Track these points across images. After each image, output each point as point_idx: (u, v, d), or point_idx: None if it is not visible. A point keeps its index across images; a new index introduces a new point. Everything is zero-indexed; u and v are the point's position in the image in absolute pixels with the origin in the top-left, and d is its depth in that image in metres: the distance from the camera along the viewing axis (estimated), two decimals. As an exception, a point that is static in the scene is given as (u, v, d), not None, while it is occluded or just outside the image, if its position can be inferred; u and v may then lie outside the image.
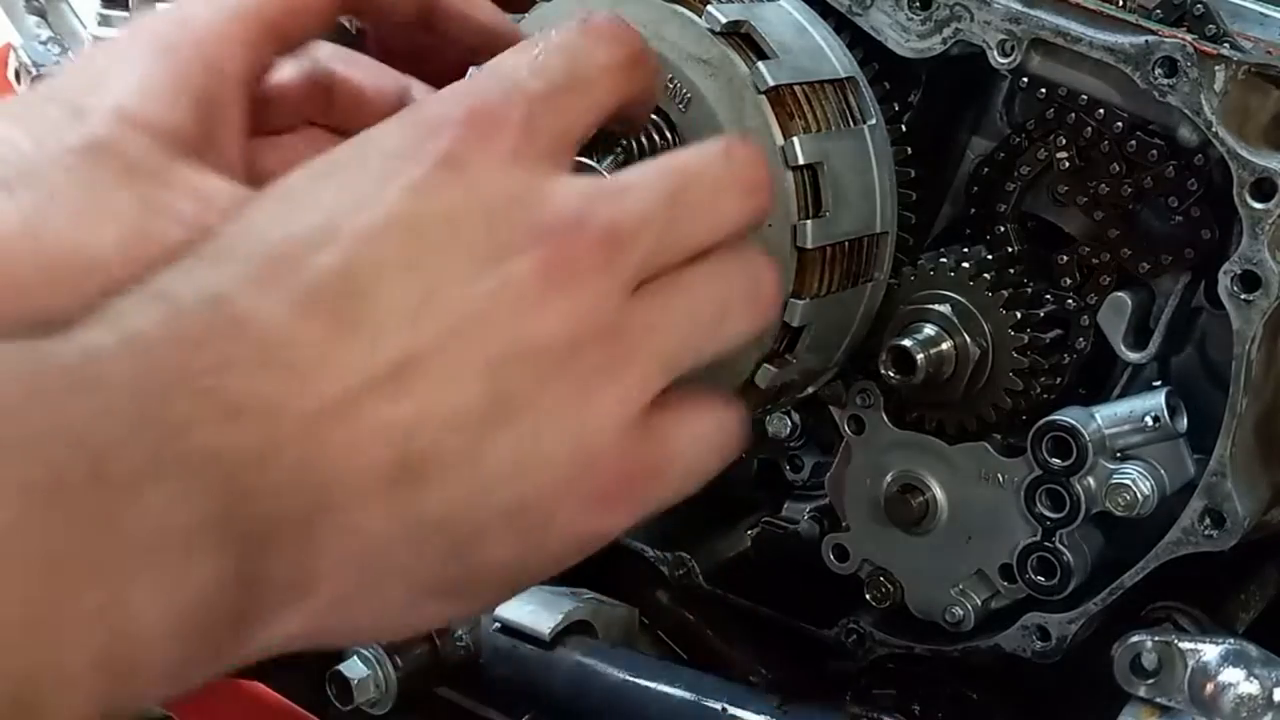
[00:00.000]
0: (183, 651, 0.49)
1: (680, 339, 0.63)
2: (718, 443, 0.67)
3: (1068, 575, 0.97)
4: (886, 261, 0.95)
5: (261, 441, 0.52)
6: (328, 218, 0.57)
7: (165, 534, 0.48)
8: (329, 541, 0.54)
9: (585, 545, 0.63)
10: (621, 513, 0.63)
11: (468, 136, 0.60)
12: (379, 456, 0.55)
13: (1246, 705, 0.84)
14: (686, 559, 1.15)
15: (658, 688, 1.04)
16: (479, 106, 0.61)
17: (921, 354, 0.95)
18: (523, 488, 0.59)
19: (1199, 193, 0.91)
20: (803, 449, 1.16)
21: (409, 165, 0.59)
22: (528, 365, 0.58)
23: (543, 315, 0.58)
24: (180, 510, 0.48)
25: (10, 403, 0.47)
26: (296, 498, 0.53)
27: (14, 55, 1.60)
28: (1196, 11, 0.95)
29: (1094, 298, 0.97)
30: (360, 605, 0.57)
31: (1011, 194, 0.99)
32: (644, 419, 0.62)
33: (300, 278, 0.55)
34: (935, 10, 0.94)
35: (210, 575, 0.49)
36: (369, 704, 1.05)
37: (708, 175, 0.65)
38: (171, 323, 0.52)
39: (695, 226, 0.64)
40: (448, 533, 0.57)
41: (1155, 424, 0.93)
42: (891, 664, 1.07)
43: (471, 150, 0.59)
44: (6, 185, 0.64)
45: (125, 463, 0.48)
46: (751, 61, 0.88)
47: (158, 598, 0.48)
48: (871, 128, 0.94)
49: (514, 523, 0.59)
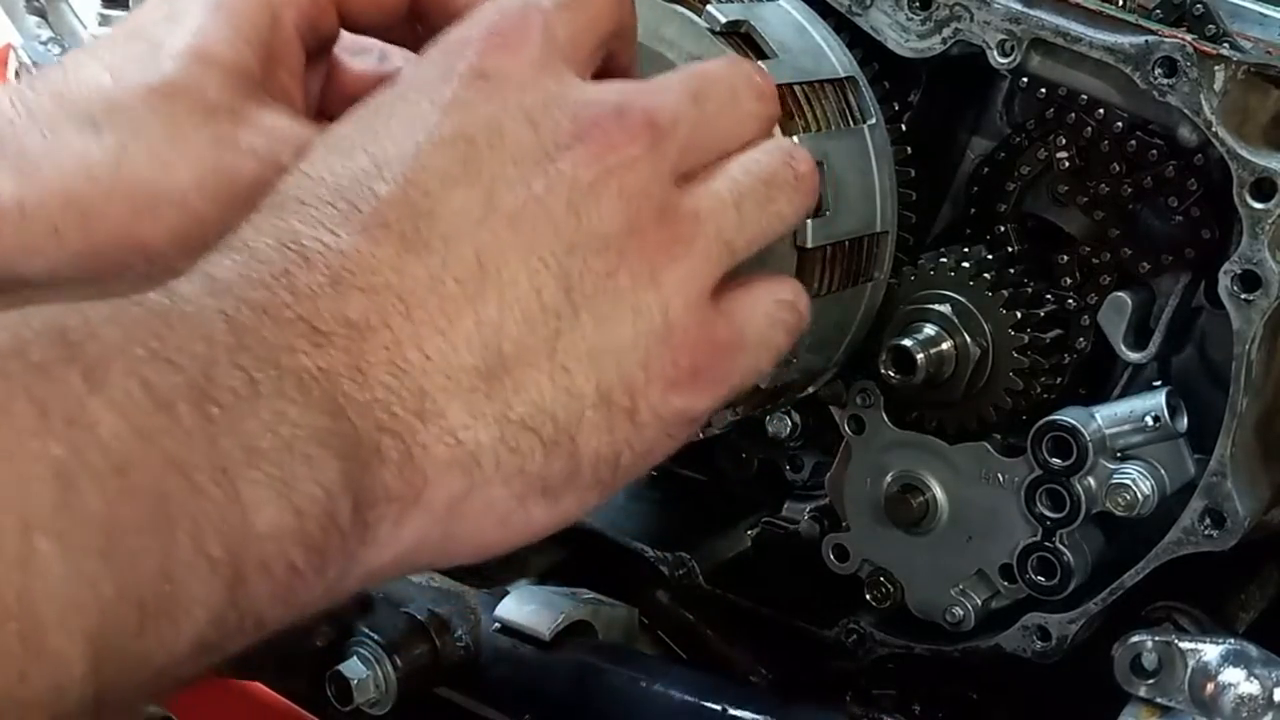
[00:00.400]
0: (299, 559, 0.52)
1: (734, 219, 0.66)
2: (785, 317, 0.71)
3: (1068, 575, 0.97)
4: (886, 261, 0.95)
5: (353, 359, 0.55)
6: (379, 151, 0.60)
7: (275, 444, 0.51)
8: (430, 448, 0.57)
9: (676, 428, 0.65)
10: (704, 391, 0.65)
11: (492, 50, 0.63)
12: (464, 362, 0.57)
13: (1246, 705, 0.84)
14: (686, 559, 1.15)
15: (657, 688, 1.03)
16: (497, 22, 0.64)
17: (921, 354, 0.95)
18: (604, 374, 0.61)
19: (1199, 193, 0.91)
20: (803, 449, 1.16)
21: (442, 87, 0.62)
22: (592, 253, 0.61)
23: (599, 203, 0.61)
24: (285, 424, 0.51)
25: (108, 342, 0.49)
26: (394, 408, 0.56)
27: (14, 55, 1.60)
28: (1196, 11, 0.95)
29: (1094, 298, 0.97)
30: (469, 512, 0.59)
31: (1011, 194, 0.99)
32: (713, 300, 0.65)
33: (362, 209, 0.58)
34: (935, 10, 0.94)
35: (321, 482, 0.52)
36: (369, 704, 1.05)
37: (723, 80, 0.70)
38: (245, 267, 0.55)
39: (721, 121, 0.68)
40: (540, 428, 0.60)
41: (1155, 424, 0.93)
42: (891, 664, 1.07)
43: (499, 61, 0.62)
44: (94, 124, 0.68)
45: (225, 384, 0.50)
46: (751, 61, 0.88)
47: (271, 499, 0.50)
48: (871, 128, 0.94)
49: (601, 411, 0.61)
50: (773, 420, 1.12)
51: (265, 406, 0.51)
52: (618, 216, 0.61)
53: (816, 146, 0.89)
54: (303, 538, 0.52)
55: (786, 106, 0.89)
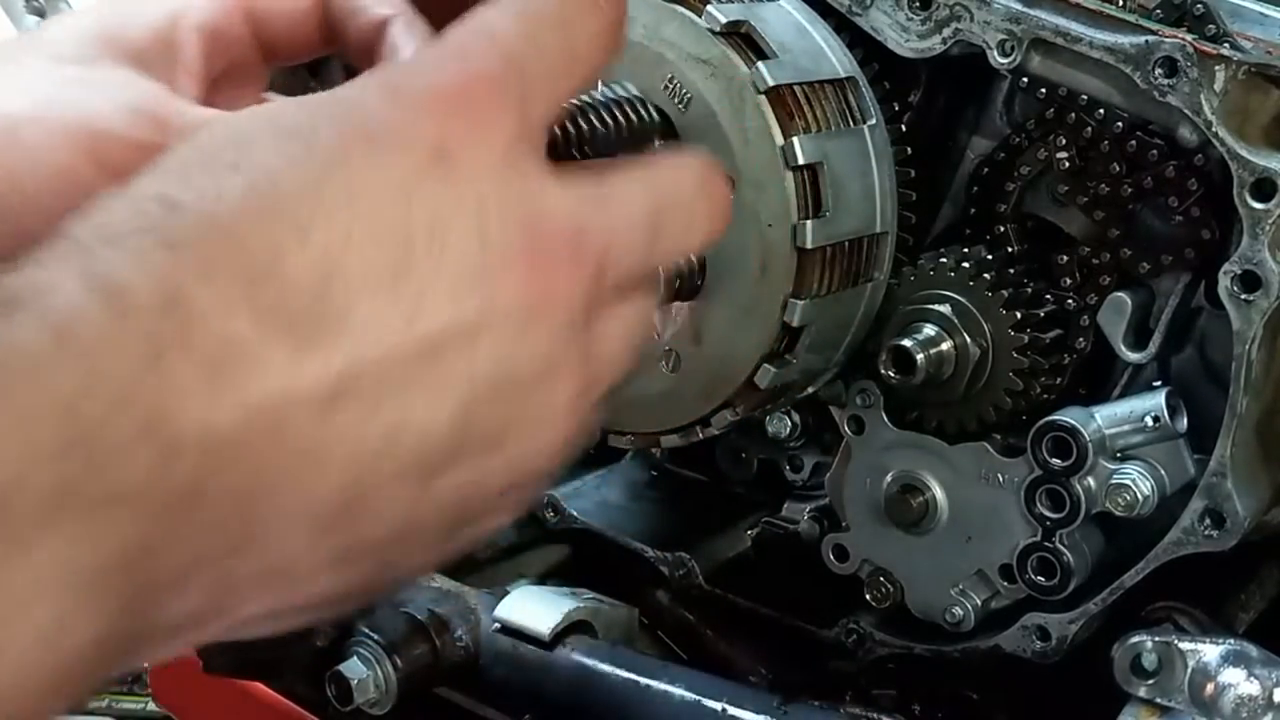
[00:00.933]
0: (62, 683, 0.45)
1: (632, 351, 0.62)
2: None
3: (1068, 575, 0.97)
4: (886, 261, 0.96)
5: (196, 473, 0.46)
6: (298, 207, 0.50)
7: (58, 578, 0.43)
8: (250, 577, 0.50)
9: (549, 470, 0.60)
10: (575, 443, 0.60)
11: (458, 124, 0.54)
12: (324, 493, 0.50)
13: (1246, 705, 0.84)
14: (686, 559, 1.15)
15: (658, 687, 1.03)
16: (474, 84, 0.54)
17: (921, 354, 0.95)
18: (466, 512, 0.57)
19: (1199, 193, 0.91)
20: (803, 449, 1.16)
21: (394, 155, 0.52)
22: (500, 396, 0.55)
23: (523, 343, 0.55)
24: (80, 553, 0.43)
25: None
26: (224, 534, 0.48)
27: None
28: (1196, 11, 0.95)
29: (1094, 298, 0.97)
30: (264, 622, 0.54)
31: (1011, 194, 0.99)
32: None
33: (266, 285, 0.48)
34: (935, 10, 0.94)
35: (100, 624, 0.45)
36: (369, 704, 1.05)
37: (684, 202, 0.63)
38: (115, 327, 0.45)
39: (667, 248, 0.63)
40: (379, 556, 0.55)
41: (1155, 424, 0.93)
42: (891, 664, 1.07)
43: (465, 143, 0.53)
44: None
45: (33, 495, 0.42)
46: (751, 61, 0.89)
47: (38, 646, 0.43)
48: (871, 128, 0.94)
49: (447, 536, 0.57)
50: (773, 420, 1.12)
51: (64, 533, 0.43)
52: (537, 362, 0.55)
53: (816, 147, 0.89)
54: (72, 670, 0.45)
55: (786, 106, 0.89)
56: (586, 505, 1.22)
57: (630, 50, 0.91)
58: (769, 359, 0.93)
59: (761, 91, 0.88)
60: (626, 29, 0.63)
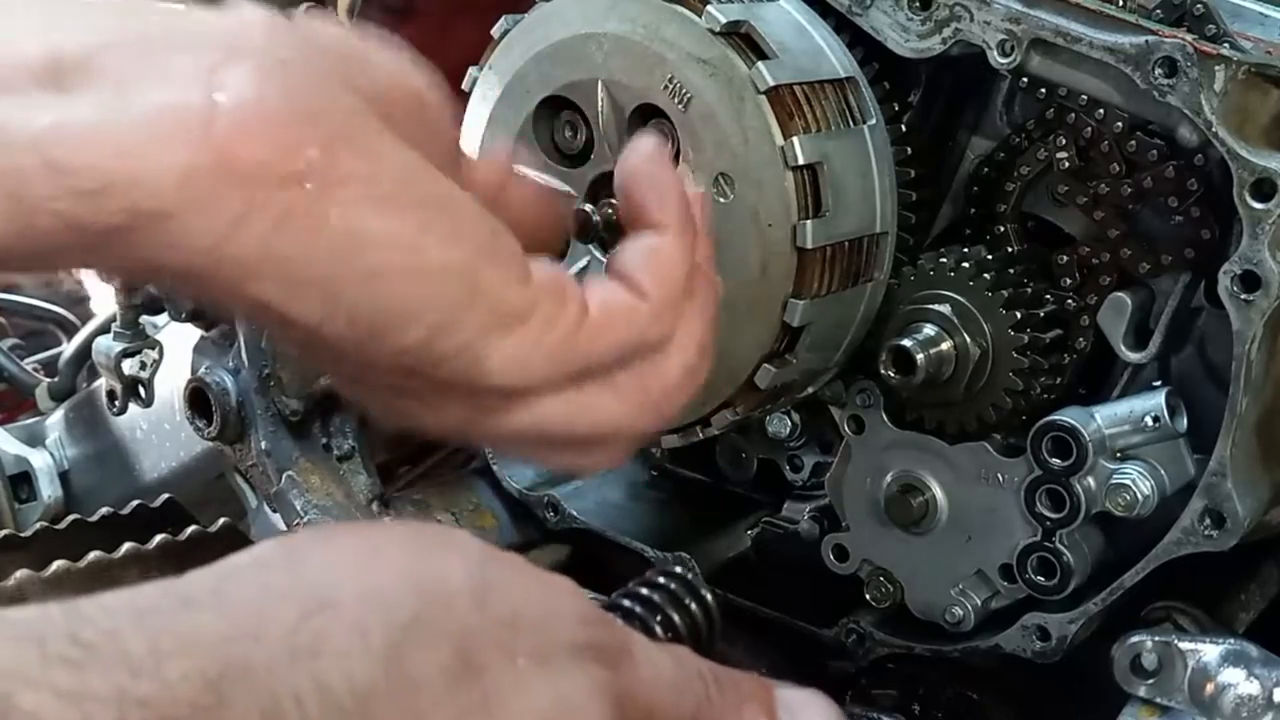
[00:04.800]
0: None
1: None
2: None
3: (1068, 575, 0.97)
4: (886, 261, 0.96)
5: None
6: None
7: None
8: None
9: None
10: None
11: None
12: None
13: (1246, 705, 0.84)
14: (686, 559, 1.15)
15: (658, 688, 1.03)
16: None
17: (921, 354, 0.95)
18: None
19: (1199, 193, 0.91)
20: (803, 449, 1.16)
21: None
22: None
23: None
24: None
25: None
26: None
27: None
28: (1196, 11, 0.95)
29: (1094, 298, 0.97)
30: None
31: (1011, 194, 0.99)
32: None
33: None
34: (935, 10, 0.94)
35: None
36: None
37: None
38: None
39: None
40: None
41: (1155, 424, 0.93)
42: (891, 664, 1.07)
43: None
44: None
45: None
46: (751, 61, 0.89)
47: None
48: (871, 128, 0.94)
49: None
50: (773, 420, 1.12)
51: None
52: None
53: (816, 147, 0.89)
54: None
55: (786, 106, 0.89)
56: (586, 505, 1.22)
57: (630, 50, 0.91)
58: (769, 359, 0.93)
59: (761, 91, 0.88)
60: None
